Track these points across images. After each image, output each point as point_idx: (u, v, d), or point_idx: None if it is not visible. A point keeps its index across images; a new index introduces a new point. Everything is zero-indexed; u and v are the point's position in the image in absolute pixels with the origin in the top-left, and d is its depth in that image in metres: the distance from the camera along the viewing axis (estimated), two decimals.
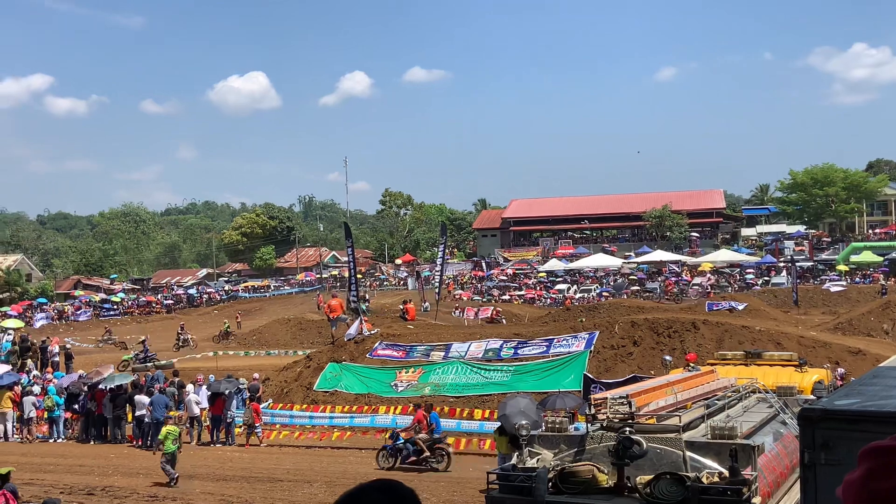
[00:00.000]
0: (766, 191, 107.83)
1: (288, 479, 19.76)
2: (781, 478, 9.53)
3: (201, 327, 60.09)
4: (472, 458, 21.38)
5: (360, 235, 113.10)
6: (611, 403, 9.53)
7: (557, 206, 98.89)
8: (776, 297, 57.95)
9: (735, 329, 27.95)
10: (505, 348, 28.45)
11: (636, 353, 27.16)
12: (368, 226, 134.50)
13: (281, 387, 29.54)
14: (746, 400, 11.88)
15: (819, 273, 70.50)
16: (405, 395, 26.93)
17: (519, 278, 79.73)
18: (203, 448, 25.53)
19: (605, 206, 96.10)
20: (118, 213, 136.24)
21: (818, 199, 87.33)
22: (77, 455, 24.10)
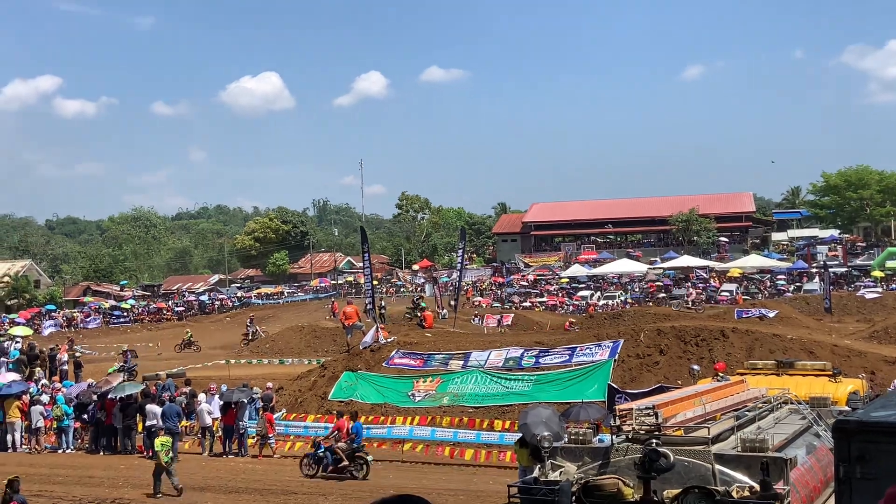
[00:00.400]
0: (797, 194, 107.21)
1: (303, 492, 19.78)
2: (815, 492, 9.46)
3: (213, 335, 60.40)
4: (492, 471, 21.35)
5: (376, 240, 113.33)
6: (636, 414, 9.50)
7: (580, 210, 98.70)
8: (808, 305, 57.64)
9: (766, 337, 27.81)
10: (526, 357, 28.41)
11: (662, 363, 27.07)
12: (385, 230, 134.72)
13: (295, 396, 29.60)
14: (778, 411, 11.83)
15: (853, 279, 70.04)
16: (423, 405, 26.94)
17: (540, 284, 79.63)
18: (215, 459, 25.59)
19: (630, 210, 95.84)
20: (128, 217, 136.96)
21: (852, 202, 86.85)
22: (86, 466, 24.20)
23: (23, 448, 27.10)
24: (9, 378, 30.43)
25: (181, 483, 19.48)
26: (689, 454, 8.82)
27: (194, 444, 26.81)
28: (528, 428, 16.50)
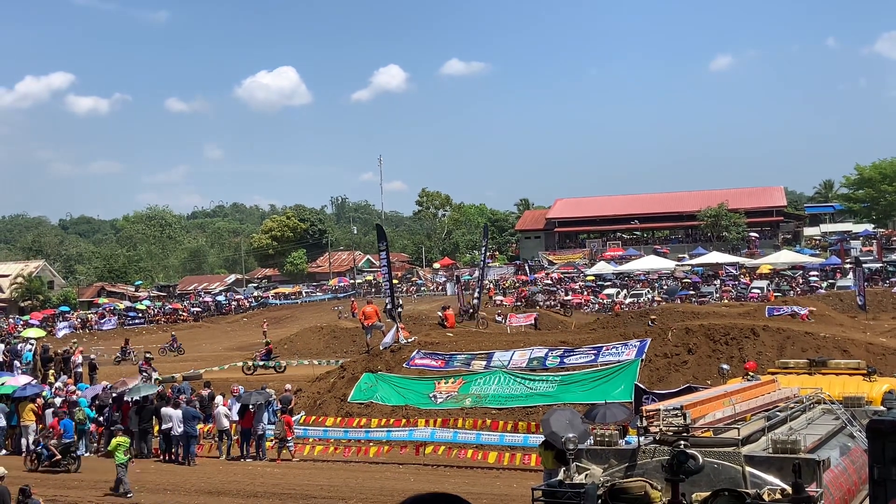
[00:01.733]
0: (830, 187, 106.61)
1: (322, 496, 19.87)
2: (849, 495, 9.42)
3: (229, 336, 60.70)
4: (516, 474, 21.38)
5: (396, 238, 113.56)
6: (664, 415, 9.48)
7: (605, 206, 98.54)
8: (842, 301, 57.19)
9: (797, 335, 27.67)
10: (550, 357, 28.37)
11: (691, 362, 26.99)
12: (405, 228, 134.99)
13: (314, 398, 29.69)
14: (810, 411, 11.77)
15: (889, 275, 69.53)
16: (445, 406, 26.95)
17: (565, 282, 79.53)
18: (232, 463, 25.72)
19: (657, 205, 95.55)
20: (143, 216, 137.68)
21: (887, 195, 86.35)
22: (102, 470, 24.32)
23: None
24: (23, 381, 30.68)
25: (132, 489, 19.99)
26: (718, 456, 8.80)
27: (212, 447, 26.93)
28: (553, 430, 16.52)
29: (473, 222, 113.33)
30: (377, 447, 25.46)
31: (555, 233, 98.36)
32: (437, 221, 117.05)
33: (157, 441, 26.74)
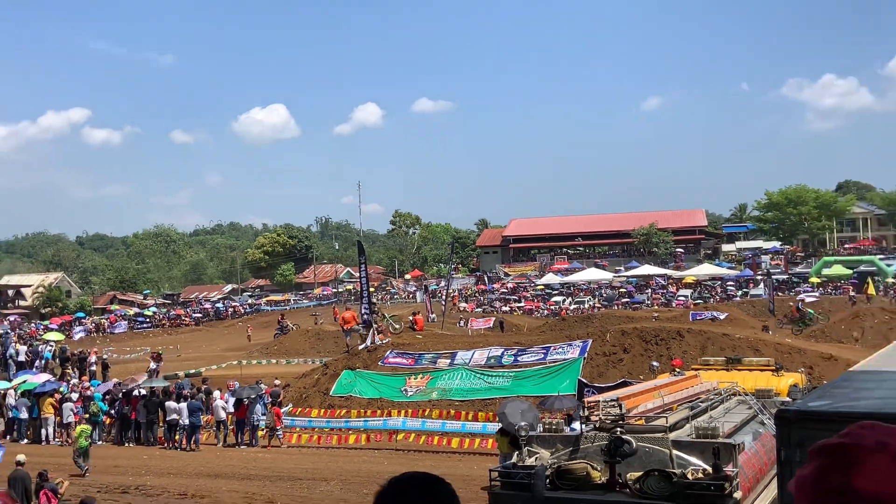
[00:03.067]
0: (744, 210, 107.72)
1: (307, 478, 19.71)
2: (760, 474, 9.49)
3: (226, 338, 60.17)
4: (476, 458, 21.33)
5: (373, 253, 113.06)
6: (603, 406, 9.50)
7: (553, 225, 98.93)
8: (754, 308, 57.76)
9: (717, 337, 27.91)
10: (506, 356, 28.39)
11: (626, 360, 27.11)
12: (380, 244, 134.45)
13: (300, 392, 29.50)
14: (728, 402, 11.84)
15: (793, 285, 70.33)
16: (414, 399, 26.90)
17: (518, 291, 79.62)
18: (229, 449, 25.51)
19: (597, 225, 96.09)
20: (150, 234, 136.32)
21: (792, 217, 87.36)
22: (112, 456, 24.06)
23: (55, 441, 26.93)
24: (43, 378, 30.34)
25: (90, 469, 19.85)
26: (649, 441, 8.83)
27: (210, 436, 26.71)
28: (508, 419, 16.52)
29: (440, 239, 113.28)
30: (356, 435, 25.36)
31: (510, 248, 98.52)
32: (408, 238, 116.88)
33: (162, 430, 26.44)
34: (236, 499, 17.03)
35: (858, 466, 1.08)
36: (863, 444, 1.11)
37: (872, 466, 1.08)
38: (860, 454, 1.10)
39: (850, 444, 1.12)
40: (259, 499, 17.02)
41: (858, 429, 1.15)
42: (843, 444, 1.13)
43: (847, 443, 1.13)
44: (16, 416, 27.93)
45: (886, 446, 1.09)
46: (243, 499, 17.26)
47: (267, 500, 17.10)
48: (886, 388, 7.99)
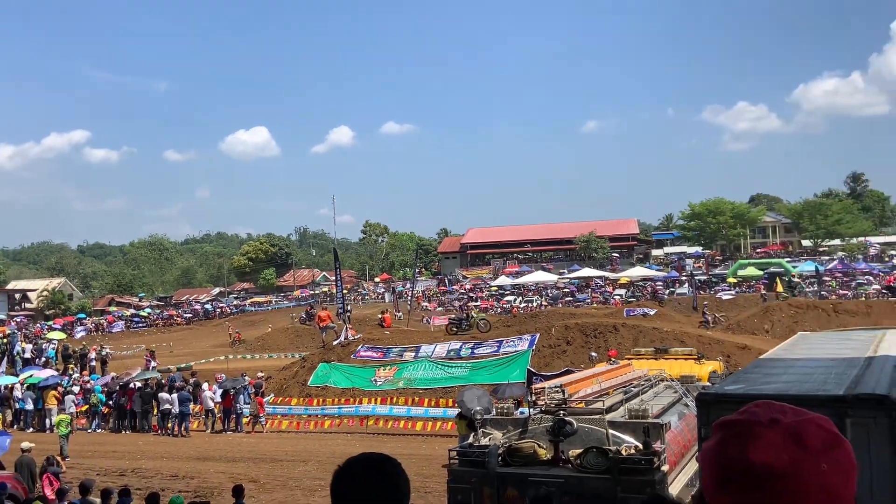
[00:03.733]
0: (670, 219, 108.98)
1: (287, 460, 19.53)
2: (685, 449, 9.60)
3: (214, 336, 59.39)
4: (438, 439, 21.34)
5: (346, 259, 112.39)
6: (548, 392, 9.56)
7: (506, 233, 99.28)
8: (680, 305, 58.50)
9: (647, 330, 28.21)
10: (464, 349, 28.42)
11: (569, 351, 27.28)
12: (353, 251, 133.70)
13: (281, 384, 29.24)
14: (656, 387, 11.97)
15: (713, 285, 71.21)
16: (383, 388, 26.80)
17: (475, 292, 79.68)
18: (216, 435, 25.19)
19: (544, 233, 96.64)
20: (145, 243, 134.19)
21: (712, 225, 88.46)
22: (111, 443, 23.64)
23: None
24: (47, 373, 29.82)
25: (69, 454, 19.42)
26: (588, 422, 8.89)
27: (199, 423, 26.37)
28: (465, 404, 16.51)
29: (405, 246, 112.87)
30: (330, 420, 25.21)
31: (467, 254, 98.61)
32: (377, 246, 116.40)
33: (156, 419, 26.04)
34: (223, 479, 16.80)
35: (752, 440, 1.11)
36: (757, 420, 1.14)
37: (765, 440, 1.10)
38: (754, 429, 1.12)
39: (746, 420, 1.15)
40: (243, 479, 16.79)
41: (754, 407, 1.17)
42: (741, 419, 1.16)
43: (744, 419, 1.15)
44: (22, 407, 27.51)
45: (778, 422, 1.11)
46: (229, 479, 17.02)
47: (251, 479, 16.89)
48: (791, 373, 8.15)
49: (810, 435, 1.09)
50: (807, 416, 1.13)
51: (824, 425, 1.11)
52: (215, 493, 15.28)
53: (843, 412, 6.34)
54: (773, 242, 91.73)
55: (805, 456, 1.05)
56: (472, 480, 8.57)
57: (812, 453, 1.06)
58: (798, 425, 1.09)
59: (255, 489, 16.02)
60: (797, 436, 1.08)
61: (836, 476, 1.06)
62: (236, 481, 15.02)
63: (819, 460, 1.05)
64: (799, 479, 1.04)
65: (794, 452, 1.06)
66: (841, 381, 7.05)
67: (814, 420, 1.11)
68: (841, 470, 1.07)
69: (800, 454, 1.06)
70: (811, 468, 1.04)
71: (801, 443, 1.08)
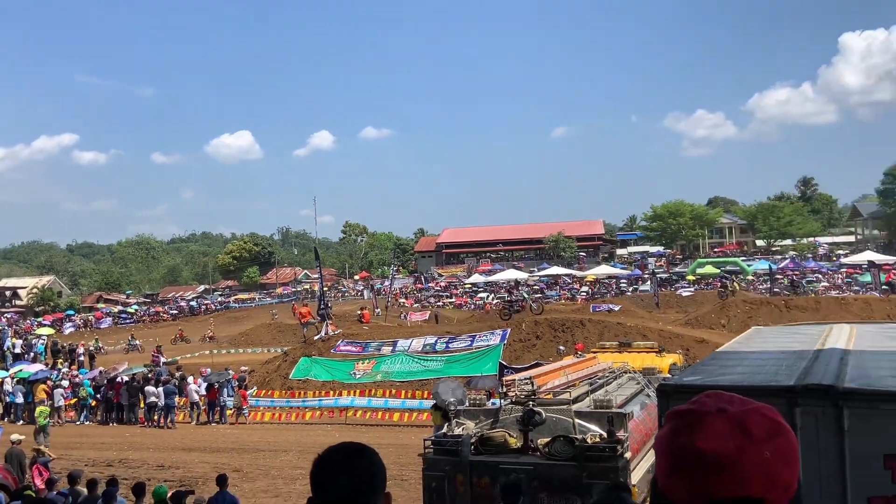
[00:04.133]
0: (634, 220, 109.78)
1: (269, 450, 19.41)
2: (646, 437, 9.67)
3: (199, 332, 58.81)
4: (414, 429, 21.31)
5: (326, 258, 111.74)
6: (518, 384, 9.58)
7: (479, 233, 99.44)
8: (642, 301, 58.91)
9: (612, 325, 28.41)
10: (439, 343, 28.45)
11: (538, 345, 27.41)
12: (333, 250, 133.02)
13: (264, 377, 29.04)
14: (620, 379, 12.04)
15: (674, 282, 71.89)
16: (361, 381, 26.73)
17: (450, 289, 79.68)
18: (201, 426, 24.96)
19: (515, 233, 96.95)
20: (133, 242, 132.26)
21: (672, 226, 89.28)
22: (99, 435, 23.33)
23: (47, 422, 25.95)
24: (36, 367, 29.41)
25: (50, 444, 19.10)
26: (556, 412, 8.92)
27: (185, 416, 26.10)
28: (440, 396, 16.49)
29: (384, 246, 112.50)
30: (311, 412, 25.09)
31: (443, 253, 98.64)
32: (357, 245, 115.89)
33: (142, 412, 25.73)
34: (207, 469, 16.65)
35: (701, 428, 1.12)
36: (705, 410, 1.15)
37: (712, 428, 1.12)
38: (703, 418, 1.14)
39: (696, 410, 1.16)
40: (227, 468, 16.64)
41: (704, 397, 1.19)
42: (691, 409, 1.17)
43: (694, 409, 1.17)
44: (12, 400, 27.05)
45: (725, 412, 1.13)
46: (213, 469, 16.86)
47: (234, 469, 16.76)
48: (745, 365, 8.25)
49: (754, 424, 1.10)
50: (752, 405, 1.14)
51: (768, 414, 1.13)
52: (200, 483, 15.14)
53: (794, 401, 6.43)
54: (729, 242, 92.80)
55: (749, 443, 1.07)
56: (445, 468, 8.57)
57: (756, 441, 1.08)
58: (743, 415, 1.11)
59: (239, 478, 15.91)
60: (742, 425, 1.10)
61: (778, 462, 1.07)
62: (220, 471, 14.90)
63: (762, 448, 1.07)
64: (743, 465, 1.06)
65: (739, 440, 1.08)
66: (791, 373, 7.15)
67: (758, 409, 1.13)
68: (783, 456, 1.08)
69: (744, 442, 1.07)
70: (754, 455, 1.06)
71: (746, 431, 1.09)
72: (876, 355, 8.20)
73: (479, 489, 8.38)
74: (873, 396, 6.24)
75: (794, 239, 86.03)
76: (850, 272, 64.71)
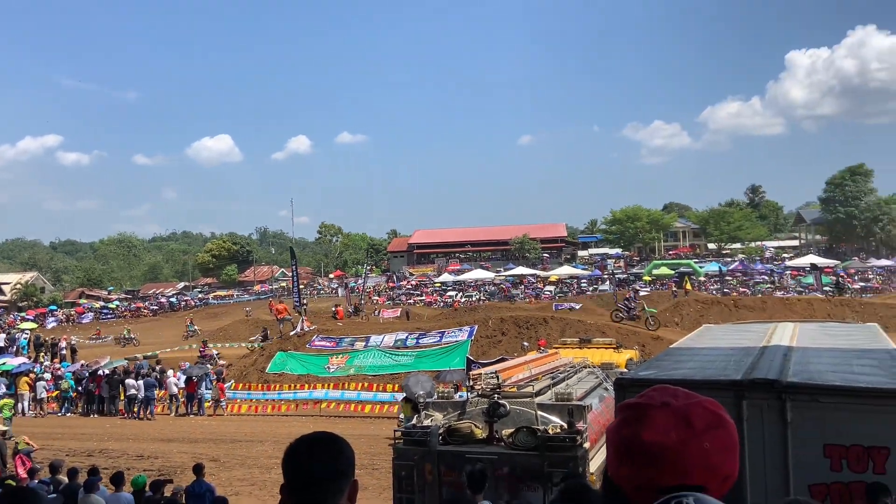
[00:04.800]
0: (594, 224, 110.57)
1: (245, 440, 19.21)
2: (604, 428, 9.72)
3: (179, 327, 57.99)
4: (385, 421, 21.22)
5: (303, 257, 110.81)
6: (484, 377, 9.60)
7: (449, 235, 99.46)
8: (602, 300, 59.29)
9: (573, 322, 28.61)
10: (409, 339, 28.39)
11: (504, 341, 27.48)
12: (309, 250, 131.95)
13: (241, 371, 28.72)
14: (580, 373, 12.12)
15: (631, 282, 72.49)
16: (336, 374, 26.57)
17: (421, 288, 79.58)
18: (179, 418, 24.61)
19: (482, 235, 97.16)
20: (115, 240, 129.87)
21: (630, 230, 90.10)
22: (80, 426, 22.87)
23: (30, 414, 25.45)
24: (19, 360, 28.78)
25: (12, 436, 18.79)
26: (519, 404, 8.96)
27: (164, 408, 25.72)
28: (410, 389, 16.50)
29: (358, 246, 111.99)
30: (287, 404, 24.86)
31: (414, 253, 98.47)
32: (332, 245, 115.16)
33: (122, 404, 25.30)
34: (185, 459, 16.42)
35: (646, 420, 1.14)
36: (651, 403, 1.16)
37: (656, 421, 1.13)
38: (648, 411, 1.15)
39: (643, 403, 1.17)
40: (205, 458, 16.42)
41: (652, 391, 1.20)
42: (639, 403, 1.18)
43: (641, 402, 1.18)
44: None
45: (669, 405, 1.14)
46: (192, 458, 16.61)
47: (212, 458, 16.56)
48: (697, 360, 8.36)
49: (696, 416, 1.12)
50: (696, 399, 1.16)
51: (710, 407, 1.14)
52: (178, 472, 14.92)
53: (741, 395, 6.53)
54: (683, 245, 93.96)
55: (690, 435, 1.09)
56: (414, 458, 8.56)
57: (697, 433, 1.10)
58: (686, 408, 1.13)
59: (216, 467, 15.72)
60: (685, 418, 1.11)
61: (718, 453, 1.09)
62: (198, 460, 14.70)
63: (702, 439, 1.08)
64: (684, 455, 1.07)
65: (681, 432, 1.09)
66: (739, 368, 7.26)
67: (701, 403, 1.14)
68: (722, 447, 1.10)
69: (686, 434, 1.09)
70: (695, 446, 1.08)
71: (688, 424, 1.11)
72: (817, 352, 8.36)
73: (447, 477, 8.38)
74: (814, 390, 6.37)
75: (742, 243, 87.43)
76: (795, 274, 65.98)
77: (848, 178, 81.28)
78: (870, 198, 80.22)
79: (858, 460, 6.00)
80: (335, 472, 1.79)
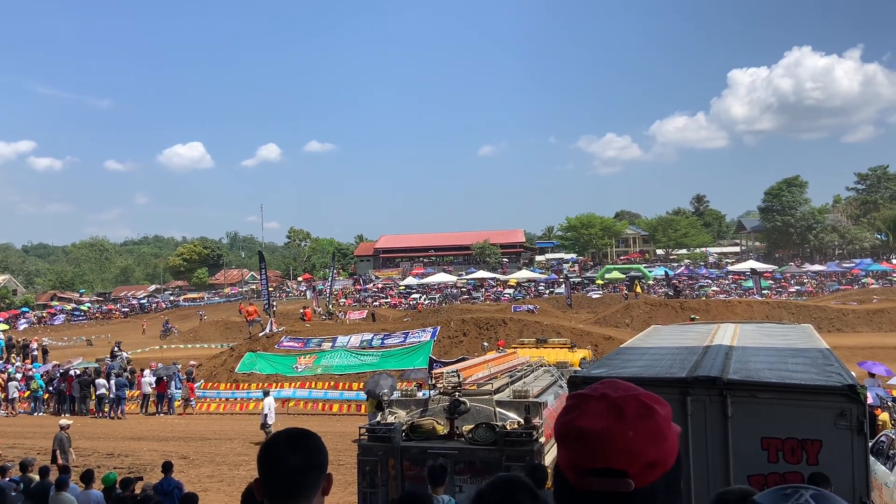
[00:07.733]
0: (551, 230, 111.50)
1: (214, 438, 18.87)
2: None
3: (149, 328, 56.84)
4: (351, 418, 21.08)
5: (272, 261, 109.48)
6: (446, 376, 9.59)
7: (413, 240, 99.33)
8: (557, 302, 59.93)
9: (531, 323, 28.81)
10: (375, 339, 28.25)
11: (465, 341, 27.55)
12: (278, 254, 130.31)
13: (211, 370, 28.23)
14: (536, 371, 12.18)
15: (585, 286, 73.42)
16: (303, 374, 26.30)
17: (386, 290, 79.30)
18: (150, 417, 24.06)
19: (445, 240, 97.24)
20: (87, 244, 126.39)
21: (584, 236, 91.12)
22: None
23: (2, 413, 24.62)
24: None
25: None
26: (479, 401, 8.97)
27: (135, 406, 25.13)
28: (374, 387, 16.40)
29: (325, 250, 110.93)
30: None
31: (380, 257, 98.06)
32: (300, 249, 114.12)
33: (93, 403, 24.63)
34: (155, 457, 16.06)
35: (583, 409, 1.18)
36: (591, 394, 1.21)
37: (590, 408, 1.17)
38: (587, 401, 1.20)
39: (585, 394, 1.22)
40: (174, 456, 16.10)
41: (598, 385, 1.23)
42: (581, 394, 1.22)
43: (584, 393, 1.22)
44: None
45: (606, 396, 1.19)
46: (161, 456, 16.26)
47: (181, 456, 16.22)
48: (645, 359, 8.47)
49: (629, 406, 1.17)
50: (634, 392, 1.19)
51: (644, 399, 1.18)
52: (148, 469, 14.59)
53: (685, 391, 6.64)
54: (633, 251, 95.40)
55: (618, 423, 1.14)
56: (379, 453, 8.50)
57: (625, 421, 1.14)
58: (622, 399, 1.18)
59: (185, 465, 15.40)
60: (618, 408, 1.16)
61: (643, 441, 1.14)
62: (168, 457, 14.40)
63: (628, 427, 1.13)
64: (609, 440, 1.13)
65: (610, 420, 1.15)
66: (683, 366, 7.38)
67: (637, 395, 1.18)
68: (649, 436, 1.15)
69: (614, 422, 1.14)
70: (620, 433, 1.13)
71: (620, 413, 1.16)
72: (755, 351, 8.55)
73: (409, 472, 8.34)
74: (752, 386, 6.50)
75: (688, 249, 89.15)
76: (736, 278, 67.47)
77: (785, 188, 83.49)
78: (804, 207, 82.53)
79: (793, 452, 6.15)
80: (313, 465, 1.79)
